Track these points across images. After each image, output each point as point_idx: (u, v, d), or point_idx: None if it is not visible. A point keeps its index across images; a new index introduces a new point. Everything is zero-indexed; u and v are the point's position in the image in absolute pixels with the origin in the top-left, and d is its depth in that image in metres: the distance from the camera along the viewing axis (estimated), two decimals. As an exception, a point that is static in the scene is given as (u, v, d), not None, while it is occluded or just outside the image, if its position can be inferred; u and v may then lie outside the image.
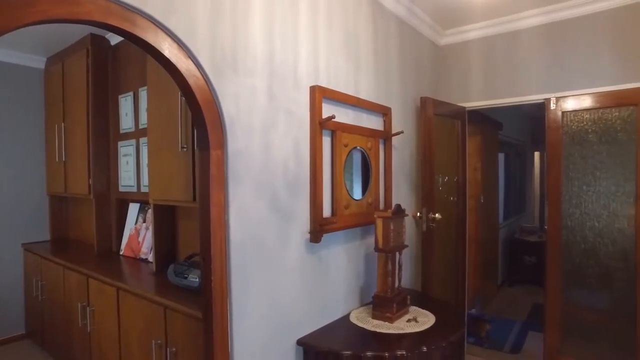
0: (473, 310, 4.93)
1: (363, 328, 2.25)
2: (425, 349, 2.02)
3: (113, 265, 3.19)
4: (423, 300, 2.79)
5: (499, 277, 5.95)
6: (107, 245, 3.64)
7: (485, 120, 4.85)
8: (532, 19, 3.34)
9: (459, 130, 3.58)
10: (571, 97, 3.16)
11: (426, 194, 3.13)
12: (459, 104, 3.62)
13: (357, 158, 2.54)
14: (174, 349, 2.24)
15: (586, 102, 3.09)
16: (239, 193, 1.78)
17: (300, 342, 2.09)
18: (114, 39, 3.58)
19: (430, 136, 3.12)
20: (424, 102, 3.14)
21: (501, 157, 6.63)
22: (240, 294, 1.79)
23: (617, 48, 3.01)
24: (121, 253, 3.54)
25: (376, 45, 2.80)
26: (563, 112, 3.19)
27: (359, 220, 2.46)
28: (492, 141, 5.26)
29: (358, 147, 2.50)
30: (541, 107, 3.31)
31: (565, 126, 3.19)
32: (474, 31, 3.62)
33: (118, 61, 3.59)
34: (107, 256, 3.49)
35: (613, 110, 3.01)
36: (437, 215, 3.09)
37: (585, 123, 3.12)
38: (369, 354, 1.96)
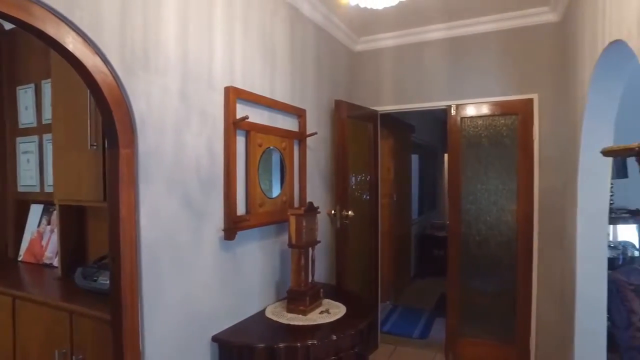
0: (388, 302, 5.26)
1: (278, 322, 2.34)
2: (335, 337, 2.16)
3: (8, 273, 2.94)
4: (336, 293, 2.94)
5: (411, 270, 6.38)
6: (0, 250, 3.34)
7: (398, 124, 5.19)
8: (437, 32, 3.67)
9: (371, 132, 3.81)
10: (468, 104, 3.53)
11: (340, 193, 3.30)
12: (372, 108, 3.85)
13: (272, 158, 2.62)
14: (80, 357, 2.15)
15: (480, 110, 3.48)
16: (150, 192, 1.78)
17: (215, 339, 2.12)
18: (9, 24, 3.29)
19: (344, 137, 3.29)
20: (338, 105, 3.31)
21: (415, 158, 7.12)
22: (152, 293, 1.78)
23: (503, 64, 3.42)
24: (20, 259, 3.26)
25: (293, 49, 2.91)
26: (462, 118, 3.55)
27: (274, 218, 2.54)
28: (404, 143, 5.63)
29: (273, 147, 2.58)
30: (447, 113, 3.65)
31: (464, 130, 3.56)
32: (387, 40, 3.87)
33: (15, 49, 3.30)
34: (1, 263, 3.21)
35: (500, 118, 3.42)
36: (350, 212, 3.27)
37: (479, 128, 3.50)
38: (281, 345, 2.05)
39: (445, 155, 8.64)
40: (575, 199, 2.54)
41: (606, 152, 0.97)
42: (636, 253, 3.53)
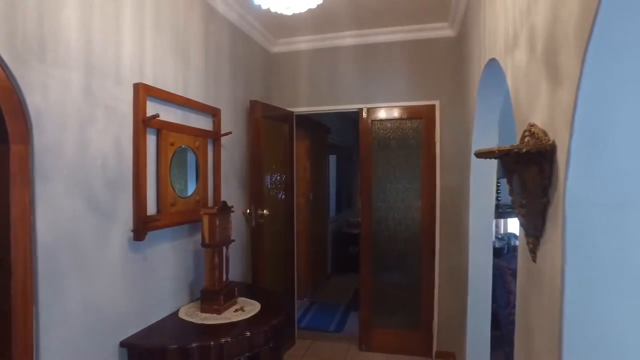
0: (305, 299, 5.39)
1: (191, 322, 2.31)
2: (249, 333, 2.20)
3: None
4: (252, 291, 2.98)
5: (328, 267, 6.58)
6: None
7: (314, 125, 5.34)
8: (350, 39, 3.85)
9: (287, 132, 3.89)
10: (378, 108, 3.76)
11: (255, 192, 3.33)
12: (288, 109, 3.93)
13: (185, 157, 2.58)
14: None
15: (389, 113, 3.73)
16: (48, 191, 1.67)
17: (123, 344, 2.04)
18: None
19: (259, 137, 3.33)
20: (253, 105, 3.34)
21: (333, 158, 7.36)
22: (50, 301, 1.67)
23: (409, 72, 3.70)
24: None
25: (207, 48, 2.88)
26: (372, 121, 3.77)
27: (187, 218, 2.50)
28: (321, 144, 5.81)
29: (186, 146, 2.54)
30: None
31: (374, 132, 3.78)
32: (303, 43, 3.97)
33: None
34: None
35: (407, 121, 3.70)
36: (265, 211, 3.32)
37: (388, 131, 3.75)
38: (194, 345, 2.04)
39: (361, 156, 9.07)
40: (468, 197, 2.85)
41: (477, 154, 1.14)
42: (517, 242, 4.03)
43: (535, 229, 1.11)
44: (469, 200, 2.80)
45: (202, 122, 2.78)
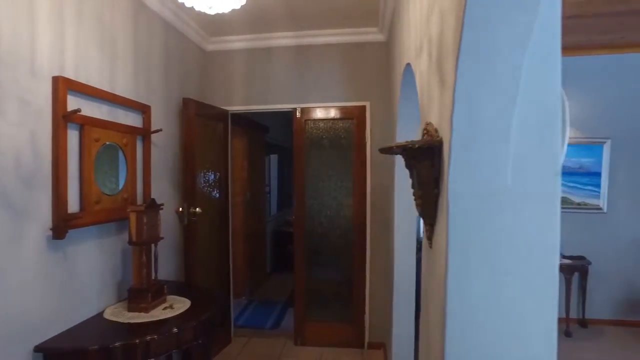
0: (243, 297, 5.38)
1: (117, 322, 2.27)
2: (176, 330, 2.20)
3: None
4: (184, 289, 2.95)
5: (268, 265, 6.61)
6: None
7: (251, 124, 5.35)
8: (285, 39, 3.92)
9: (221, 131, 3.89)
10: (312, 108, 3.86)
11: (188, 190, 3.31)
12: (223, 107, 3.93)
13: (111, 154, 2.52)
14: None
15: (322, 113, 3.84)
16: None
17: (38, 348, 1.96)
18: None
19: (192, 136, 3.31)
20: (187, 103, 3.31)
21: (275, 158, 7.41)
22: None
23: (342, 73, 3.84)
24: None
25: (137, 43, 2.82)
26: (306, 120, 3.87)
27: (114, 215, 2.45)
28: (259, 143, 5.83)
29: (112, 143, 2.48)
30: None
31: (308, 132, 3.88)
32: (238, 42, 3.99)
33: None
34: None
35: (339, 121, 3.84)
36: (198, 209, 3.30)
37: (321, 130, 3.87)
38: (117, 344, 2.00)
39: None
40: (394, 194, 3.02)
41: (380, 151, 1.26)
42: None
43: (430, 217, 1.24)
44: (394, 197, 2.97)
45: (131, 119, 2.72)
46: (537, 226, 1.08)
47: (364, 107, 3.79)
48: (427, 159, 1.16)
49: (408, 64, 2.04)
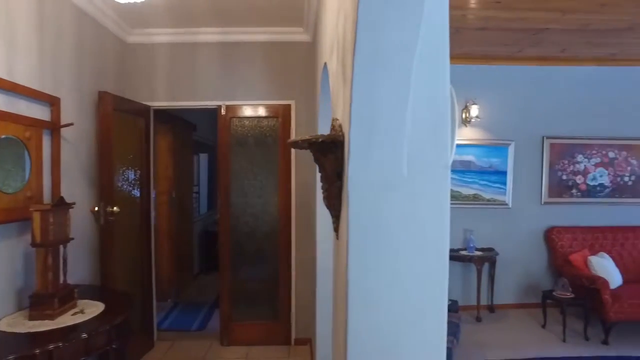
0: (169, 300, 5.19)
1: (15, 333, 2.06)
2: (85, 335, 2.07)
3: None
4: (99, 293, 2.79)
5: (195, 266, 6.43)
6: None
7: (177, 121, 5.18)
8: (211, 35, 3.84)
9: (143, 127, 3.73)
10: (237, 106, 3.83)
11: (104, 188, 3.13)
12: (144, 103, 3.76)
13: (11, 148, 2.31)
14: None
15: (247, 111, 3.83)
16: None
17: None
18: None
19: (109, 131, 3.14)
20: (103, 97, 3.13)
21: (204, 157, 7.22)
22: None
23: (268, 72, 3.86)
24: None
25: (43, 30, 2.62)
26: (231, 118, 3.83)
27: (14, 215, 2.26)
28: (185, 141, 5.65)
29: (12, 137, 2.28)
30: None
31: (233, 130, 3.84)
32: (161, 36, 3.84)
33: None
34: None
35: (264, 120, 3.85)
36: (115, 208, 3.14)
37: (246, 128, 3.85)
38: (11, 357, 1.82)
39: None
40: (315, 192, 3.09)
41: (288, 144, 1.30)
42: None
43: (335, 210, 1.30)
44: (315, 195, 3.04)
45: (36, 111, 2.52)
46: (430, 215, 1.18)
47: (289, 106, 3.83)
48: (331, 153, 1.22)
49: (325, 64, 2.11)
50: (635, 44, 4.31)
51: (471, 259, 4.56)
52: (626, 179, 5.04)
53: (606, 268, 4.28)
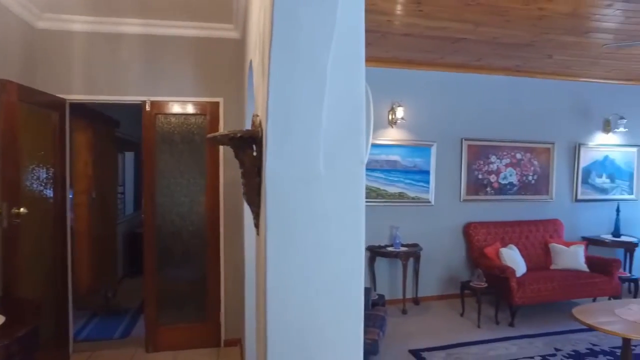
0: (89, 308, 4.85)
1: None
2: (-19, 349, 1.89)
3: None
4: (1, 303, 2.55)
5: (119, 270, 6.07)
6: None
7: (98, 116, 4.86)
8: (135, 27, 3.65)
9: (57, 122, 3.45)
10: (163, 102, 3.68)
11: (7, 187, 2.85)
12: (59, 95, 3.49)
13: None
14: None
15: (174, 108, 3.70)
16: None
17: None
18: None
19: (13, 123, 2.87)
20: (5, 86, 2.85)
21: (130, 155, 6.84)
22: None
23: (196, 68, 3.75)
24: None
25: None
26: (157, 114, 3.68)
27: None
28: (107, 138, 5.32)
29: None
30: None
31: (158, 127, 3.69)
32: (78, 23, 3.58)
33: None
34: None
35: (192, 117, 3.75)
36: (22, 210, 2.88)
37: (173, 125, 3.72)
38: None
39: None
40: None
41: (207, 139, 1.28)
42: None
43: (255, 205, 1.31)
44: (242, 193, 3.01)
45: None
46: (346, 209, 1.22)
47: (217, 103, 3.75)
48: (250, 149, 1.22)
49: (251, 61, 2.10)
50: (534, 59, 4.79)
51: (397, 255, 4.77)
52: (530, 178, 5.59)
53: (514, 258, 4.70)
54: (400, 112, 4.91)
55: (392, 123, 5.01)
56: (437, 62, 4.99)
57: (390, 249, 4.85)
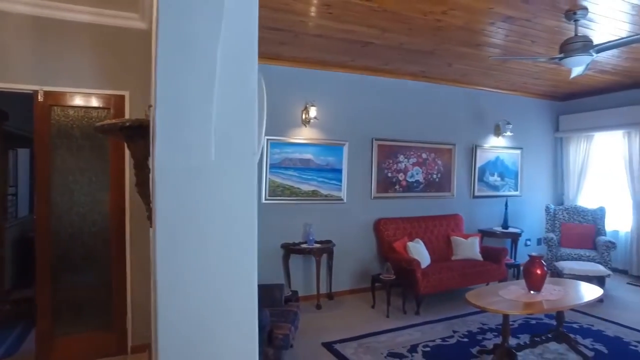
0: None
1: None
2: None
3: None
4: None
5: (8, 280, 5.46)
6: None
7: (-20, 108, 4.34)
8: (23, 6, 3.29)
9: None
10: (59, 93, 3.40)
11: None
12: None
13: None
14: None
15: (72, 99, 3.43)
16: None
17: None
18: None
19: None
20: None
21: (25, 152, 6.16)
22: None
23: (98, 58, 3.51)
24: None
25: None
26: (52, 106, 3.38)
27: None
28: (-7, 132, 4.76)
29: None
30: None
31: (54, 120, 3.40)
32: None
33: None
34: None
35: (93, 110, 3.50)
36: None
37: (71, 119, 3.45)
38: None
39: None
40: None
41: (95, 129, 1.23)
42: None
43: (148, 197, 1.28)
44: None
45: None
46: (237, 200, 1.24)
47: (122, 97, 3.55)
48: (141, 139, 1.19)
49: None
50: (437, 65, 5.21)
51: (311, 251, 4.88)
52: (434, 176, 6.06)
53: (420, 251, 5.04)
54: (313, 112, 5.02)
55: (306, 122, 5.11)
56: (348, 65, 5.19)
57: (304, 245, 4.94)
